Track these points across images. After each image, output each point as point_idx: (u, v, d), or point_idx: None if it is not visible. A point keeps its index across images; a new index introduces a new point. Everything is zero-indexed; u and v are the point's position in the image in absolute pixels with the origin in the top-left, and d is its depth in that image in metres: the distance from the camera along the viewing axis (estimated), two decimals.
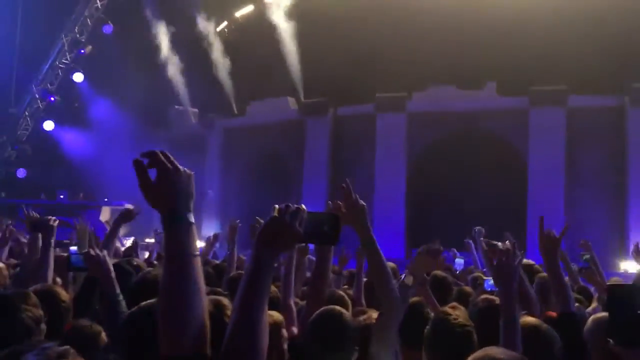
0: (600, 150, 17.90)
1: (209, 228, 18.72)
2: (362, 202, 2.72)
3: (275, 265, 1.77)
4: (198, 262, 1.58)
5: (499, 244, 2.88)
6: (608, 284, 3.55)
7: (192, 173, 1.65)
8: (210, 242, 7.57)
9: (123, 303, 2.76)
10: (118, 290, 2.84)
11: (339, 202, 2.78)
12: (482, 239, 5.97)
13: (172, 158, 1.63)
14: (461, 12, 17.81)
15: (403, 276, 2.98)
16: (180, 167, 1.62)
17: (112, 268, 2.95)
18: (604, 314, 2.61)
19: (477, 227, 6.37)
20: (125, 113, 20.63)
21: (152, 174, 1.61)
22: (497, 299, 2.93)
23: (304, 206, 1.65)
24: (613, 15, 16.29)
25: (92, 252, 2.94)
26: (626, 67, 16.70)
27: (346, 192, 2.72)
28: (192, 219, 1.60)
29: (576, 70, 16.91)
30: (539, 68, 17.39)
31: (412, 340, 2.75)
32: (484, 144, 18.68)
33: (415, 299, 3.25)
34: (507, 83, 18.53)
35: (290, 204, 1.69)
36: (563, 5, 16.82)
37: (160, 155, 1.61)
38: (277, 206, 1.66)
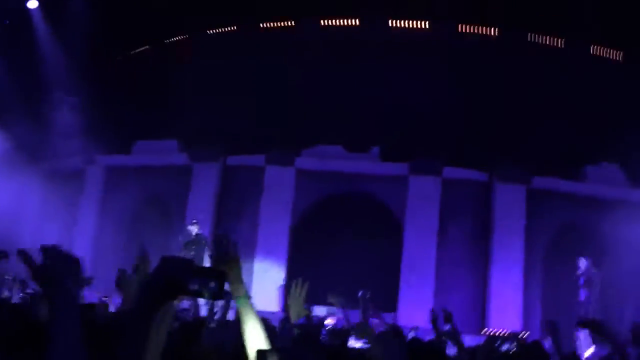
0: (469, 219, 19.39)
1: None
2: (236, 254, 2.59)
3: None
4: None
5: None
6: None
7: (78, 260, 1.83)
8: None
9: None
10: None
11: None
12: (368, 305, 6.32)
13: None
14: (355, 77, 18.86)
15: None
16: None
17: None
18: None
19: (362, 291, 6.59)
20: None
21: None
22: None
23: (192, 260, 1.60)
24: (489, 96, 18.10)
25: None
26: (495, 146, 18.44)
27: (222, 242, 2.59)
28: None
29: (453, 145, 18.42)
30: (419, 139, 18.68)
31: None
32: (365, 206, 19.50)
33: None
34: (389, 150, 19.67)
35: (178, 256, 1.64)
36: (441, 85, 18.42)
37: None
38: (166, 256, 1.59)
